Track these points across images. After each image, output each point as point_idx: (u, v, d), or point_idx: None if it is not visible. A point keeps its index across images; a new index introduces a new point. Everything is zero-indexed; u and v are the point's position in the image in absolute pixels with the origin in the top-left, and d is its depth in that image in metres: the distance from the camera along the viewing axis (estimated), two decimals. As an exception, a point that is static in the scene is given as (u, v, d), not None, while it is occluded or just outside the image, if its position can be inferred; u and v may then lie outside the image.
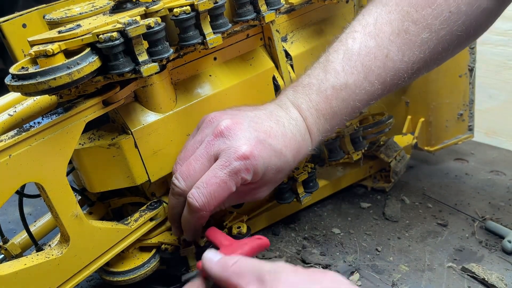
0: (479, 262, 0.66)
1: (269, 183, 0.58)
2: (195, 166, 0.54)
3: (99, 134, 0.58)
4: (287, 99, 0.59)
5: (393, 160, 0.81)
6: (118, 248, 0.58)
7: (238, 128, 0.54)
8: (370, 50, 0.58)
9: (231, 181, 0.53)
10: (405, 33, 0.57)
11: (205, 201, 0.52)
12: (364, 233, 0.74)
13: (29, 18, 0.64)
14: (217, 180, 0.52)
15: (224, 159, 0.53)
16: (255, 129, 0.55)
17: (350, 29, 0.60)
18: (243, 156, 0.52)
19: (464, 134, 0.90)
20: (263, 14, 0.60)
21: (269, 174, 0.56)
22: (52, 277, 0.52)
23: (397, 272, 0.66)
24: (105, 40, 0.47)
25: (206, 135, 0.55)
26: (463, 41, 0.61)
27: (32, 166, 0.48)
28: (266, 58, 0.67)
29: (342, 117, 0.60)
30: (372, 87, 0.58)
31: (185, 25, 0.53)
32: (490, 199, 0.80)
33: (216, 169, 0.53)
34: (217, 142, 0.54)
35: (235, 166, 0.52)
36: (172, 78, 0.60)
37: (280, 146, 0.55)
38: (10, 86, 0.46)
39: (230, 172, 0.52)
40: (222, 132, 0.54)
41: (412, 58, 0.58)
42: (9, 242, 0.63)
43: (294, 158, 0.57)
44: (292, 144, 0.56)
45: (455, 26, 0.57)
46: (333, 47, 0.60)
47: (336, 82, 0.58)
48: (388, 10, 0.58)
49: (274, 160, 0.55)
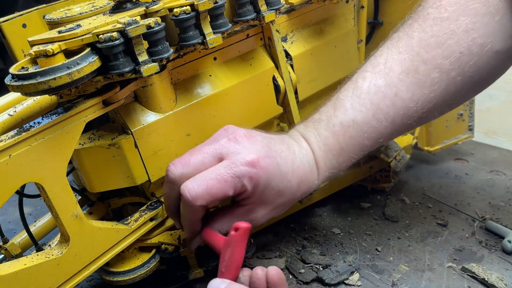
0: (479, 262, 0.66)
1: (266, 204, 0.57)
2: (197, 157, 0.53)
3: (99, 134, 0.58)
4: (298, 132, 0.60)
5: (393, 160, 0.81)
6: (118, 248, 0.58)
7: (251, 139, 0.54)
8: (379, 89, 0.58)
9: (232, 183, 0.52)
10: (415, 73, 0.57)
11: (198, 194, 0.51)
12: (364, 233, 0.74)
13: (29, 18, 0.64)
14: (218, 177, 0.51)
15: (232, 160, 0.52)
16: (267, 145, 0.55)
17: (361, 69, 0.61)
18: (250, 163, 0.52)
19: (464, 134, 0.90)
20: (263, 14, 0.60)
21: (268, 193, 0.55)
22: (52, 277, 0.52)
23: (397, 272, 0.66)
24: (105, 40, 0.47)
25: (219, 139, 0.55)
26: (476, 83, 0.60)
27: (32, 166, 0.48)
28: (266, 58, 0.67)
29: (349, 154, 0.59)
30: (381, 125, 0.58)
31: (185, 25, 0.53)
32: (490, 199, 0.80)
33: (221, 167, 0.52)
34: (228, 144, 0.54)
35: (240, 170, 0.52)
36: (172, 78, 0.60)
37: (286, 170, 0.55)
38: (10, 86, 0.46)
39: (234, 174, 0.52)
40: (235, 138, 0.54)
41: (422, 97, 0.58)
42: (9, 242, 0.63)
43: (298, 186, 0.57)
44: (299, 172, 0.56)
45: (466, 67, 0.57)
46: (344, 86, 0.61)
47: (344, 118, 0.58)
48: (399, 51, 0.59)
49: (278, 180, 0.55)
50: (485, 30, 0.56)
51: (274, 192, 0.55)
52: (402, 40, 0.59)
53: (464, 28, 0.56)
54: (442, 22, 0.57)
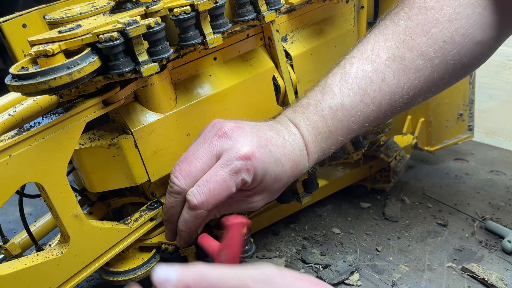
0: (479, 262, 0.66)
1: (265, 191, 0.58)
2: (196, 164, 0.54)
3: (99, 134, 0.58)
4: (286, 117, 0.61)
5: (393, 160, 0.81)
6: (118, 248, 0.58)
7: (241, 131, 0.55)
8: (366, 74, 0.59)
9: (232, 181, 0.53)
10: (401, 59, 0.59)
11: (204, 199, 0.52)
12: (364, 233, 0.74)
13: (29, 18, 0.64)
14: (217, 179, 0.52)
15: (226, 158, 0.53)
16: (257, 134, 0.56)
17: (349, 56, 0.62)
18: (245, 156, 0.53)
19: (464, 134, 0.90)
20: (263, 14, 0.60)
21: (267, 180, 0.56)
22: (52, 277, 0.52)
23: (397, 272, 0.66)
24: (105, 40, 0.47)
25: (209, 137, 0.56)
26: (458, 71, 0.62)
27: (32, 166, 0.48)
28: (266, 58, 0.67)
29: (338, 137, 0.61)
30: (368, 109, 0.60)
31: (185, 25, 0.53)
32: (490, 199, 0.80)
33: (217, 167, 0.53)
34: (219, 142, 0.54)
35: (236, 165, 0.53)
36: (172, 78, 0.60)
37: (279, 155, 0.56)
38: (10, 86, 0.46)
39: (231, 171, 0.53)
40: (225, 133, 0.55)
41: (407, 83, 0.60)
42: (9, 242, 0.63)
43: (292, 170, 0.58)
44: (291, 156, 0.57)
45: (449, 55, 0.59)
46: (332, 72, 0.62)
47: (332, 102, 0.59)
48: (385, 38, 0.60)
49: (273, 166, 0.56)
50: (467, 21, 0.58)
51: (271, 178, 0.56)
52: (388, 28, 0.61)
53: (447, 18, 0.58)
54: (427, 11, 0.59)
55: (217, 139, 0.55)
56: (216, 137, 0.55)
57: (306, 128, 0.59)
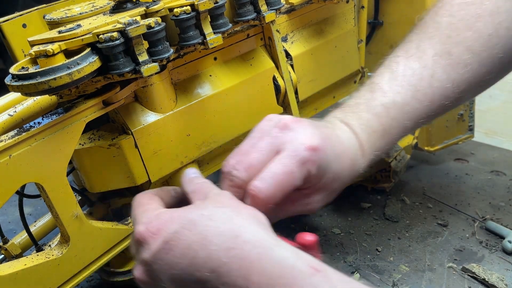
0: (480, 262, 0.66)
1: (324, 190, 0.54)
2: (257, 156, 0.50)
3: (99, 134, 0.58)
4: (336, 118, 0.58)
5: (393, 160, 0.81)
6: (118, 248, 0.58)
7: (301, 123, 0.52)
8: (415, 71, 0.58)
9: (299, 173, 0.49)
10: (448, 55, 0.58)
11: (271, 192, 0.48)
12: (364, 233, 0.74)
13: (29, 18, 0.64)
14: (285, 170, 0.48)
15: (292, 149, 0.50)
16: (317, 128, 0.53)
17: (392, 55, 0.61)
18: (311, 147, 0.50)
19: (464, 134, 0.90)
20: (264, 14, 0.60)
21: (327, 178, 0.53)
22: (52, 278, 0.52)
23: (397, 272, 0.66)
24: (105, 40, 0.47)
25: (267, 130, 0.52)
26: (505, 65, 0.61)
27: (32, 166, 0.48)
28: (266, 58, 0.67)
29: (392, 136, 0.58)
30: (420, 105, 0.58)
31: (185, 25, 0.53)
32: (490, 199, 0.80)
33: (283, 158, 0.49)
34: (281, 134, 0.51)
35: (304, 156, 0.49)
36: (172, 78, 0.60)
37: (339, 151, 0.53)
38: (10, 86, 0.45)
39: (298, 162, 0.49)
40: (287, 124, 0.51)
41: (457, 78, 0.58)
42: (9, 242, 0.63)
43: (350, 169, 0.55)
44: (349, 154, 0.55)
45: (496, 49, 0.58)
46: (377, 72, 0.60)
47: (384, 100, 0.57)
48: (429, 36, 0.59)
49: (334, 163, 0.53)
50: (509, 14, 0.58)
51: (331, 176, 0.53)
52: (430, 26, 0.60)
53: (489, 12, 0.58)
54: (467, 6, 0.59)
55: (278, 131, 0.51)
56: (276, 129, 0.51)
57: (359, 127, 0.57)
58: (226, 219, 0.42)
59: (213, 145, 0.64)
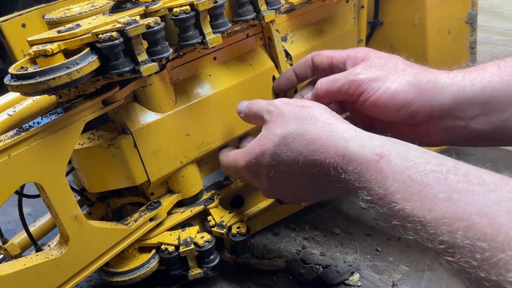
0: (480, 262, 0.66)
1: (431, 126, 0.59)
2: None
3: (98, 134, 0.58)
4: None
5: (393, 160, 0.81)
6: (117, 249, 0.58)
7: None
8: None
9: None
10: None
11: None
12: (364, 233, 0.74)
13: (29, 18, 0.64)
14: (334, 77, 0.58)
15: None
16: None
17: None
18: None
19: (464, 134, 0.90)
20: (263, 14, 0.59)
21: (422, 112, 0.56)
22: (52, 278, 0.52)
23: (397, 272, 0.66)
24: (104, 40, 0.47)
25: None
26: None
27: (31, 166, 0.48)
28: (266, 58, 0.67)
29: None
30: None
31: (184, 24, 0.53)
32: (490, 199, 0.80)
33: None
34: None
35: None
36: (171, 78, 0.60)
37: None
38: (10, 86, 0.45)
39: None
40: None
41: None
42: (8, 242, 0.63)
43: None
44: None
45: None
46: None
47: None
48: None
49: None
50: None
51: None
52: None
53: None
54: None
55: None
56: None
57: None
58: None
59: (212, 145, 0.64)
